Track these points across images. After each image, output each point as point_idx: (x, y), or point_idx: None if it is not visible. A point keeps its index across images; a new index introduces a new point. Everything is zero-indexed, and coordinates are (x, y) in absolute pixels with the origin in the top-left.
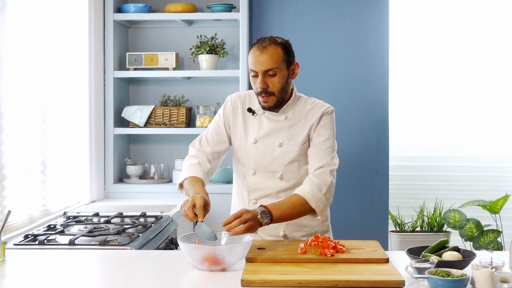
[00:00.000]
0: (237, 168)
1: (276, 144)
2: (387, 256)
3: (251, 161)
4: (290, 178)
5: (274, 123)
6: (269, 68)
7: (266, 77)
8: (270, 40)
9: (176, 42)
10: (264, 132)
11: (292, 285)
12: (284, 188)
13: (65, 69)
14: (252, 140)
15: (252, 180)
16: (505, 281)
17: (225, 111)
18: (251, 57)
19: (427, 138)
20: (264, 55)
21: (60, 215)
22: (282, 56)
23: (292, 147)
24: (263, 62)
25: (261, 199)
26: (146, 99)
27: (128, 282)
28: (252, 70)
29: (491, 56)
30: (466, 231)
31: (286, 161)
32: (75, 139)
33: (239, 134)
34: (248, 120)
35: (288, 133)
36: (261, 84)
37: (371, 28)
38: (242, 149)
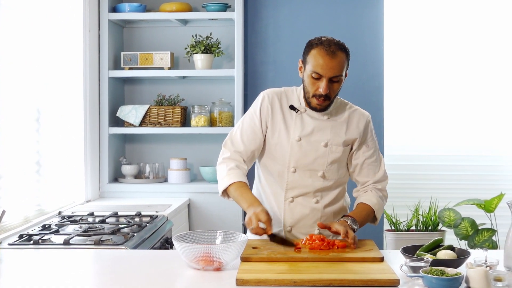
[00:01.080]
0: (271, 166)
1: (321, 143)
2: (382, 255)
3: (293, 158)
4: (330, 177)
5: (318, 122)
6: (337, 75)
7: (330, 82)
8: (337, 45)
9: (171, 42)
10: (308, 130)
11: (287, 284)
12: (323, 187)
13: (60, 69)
14: (296, 137)
15: (292, 178)
16: (499, 280)
17: (262, 108)
18: (316, 58)
19: (422, 137)
20: (334, 61)
21: (55, 215)
22: (345, 63)
23: (336, 147)
24: (332, 68)
25: (298, 197)
26: (141, 98)
27: (123, 281)
28: (316, 72)
29: (486, 55)
30: (461, 230)
31: (329, 160)
32: (70, 139)
33: (279, 131)
34: (289, 118)
35: (332, 133)
36: (325, 89)
37: (366, 27)
38: (280, 146)
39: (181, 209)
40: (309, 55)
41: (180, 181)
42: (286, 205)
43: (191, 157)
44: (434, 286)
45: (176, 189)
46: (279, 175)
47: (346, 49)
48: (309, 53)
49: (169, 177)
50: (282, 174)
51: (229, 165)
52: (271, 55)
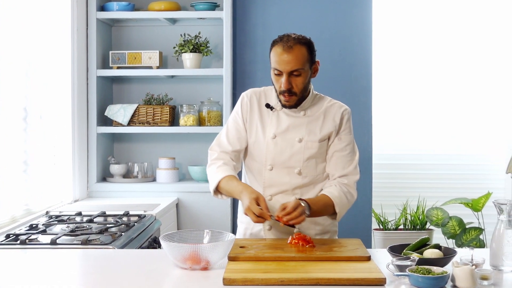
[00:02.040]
0: (250, 164)
1: (296, 139)
2: (368, 254)
3: (269, 156)
4: (307, 174)
5: (293, 119)
6: (295, 69)
7: (291, 77)
8: (295, 39)
9: (160, 41)
10: (283, 127)
11: (274, 283)
12: (301, 184)
13: (47, 68)
14: (271, 135)
15: (269, 176)
16: (485, 278)
17: (242, 108)
18: (275, 55)
19: (410, 136)
20: (290, 55)
21: (43, 215)
22: (306, 57)
23: (312, 143)
24: (288, 62)
25: (277, 195)
26: (129, 97)
27: (110, 281)
28: (276, 69)
29: (474, 55)
30: (448, 228)
31: (305, 156)
32: (57, 138)
33: (256, 130)
34: (266, 116)
35: (307, 129)
36: (286, 84)
37: (354, 27)
38: (258, 144)
39: (169, 208)
40: (271, 53)
41: (168, 181)
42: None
43: (180, 156)
44: (420, 284)
45: (165, 188)
46: (258, 173)
47: (308, 42)
48: (271, 51)
49: (158, 177)
50: (260, 172)
51: (217, 164)
52: (260, 54)
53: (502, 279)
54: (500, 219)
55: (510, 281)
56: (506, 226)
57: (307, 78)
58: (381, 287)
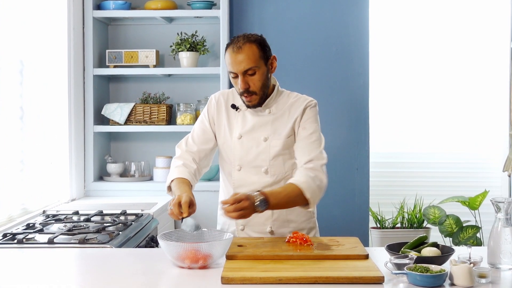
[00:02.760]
0: (223, 166)
1: (261, 138)
2: (366, 253)
3: (236, 156)
4: (275, 173)
5: (258, 118)
6: (248, 68)
7: (246, 77)
8: (244, 39)
9: (157, 39)
10: (248, 127)
11: (272, 282)
12: (270, 183)
13: (44, 67)
14: (237, 135)
15: (238, 176)
16: (483, 276)
17: (209, 109)
18: (227, 58)
19: (407, 135)
20: (240, 55)
21: (40, 214)
22: (258, 54)
23: (276, 141)
24: (240, 62)
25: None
26: (126, 96)
27: (108, 280)
28: (231, 71)
29: (470, 53)
30: (445, 227)
31: (271, 155)
32: (54, 137)
33: (224, 131)
34: (232, 117)
35: (272, 127)
36: (242, 84)
37: (351, 25)
38: (227, 145)
39: (166, 207)
40: (225, 57)
41: (166, 179)
42: None
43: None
44: (419, 283)
45: (162, 187)
46: (228, 174)
47: (258, 39)
48: (225, 56)
49: (155, 175)
50: (230, 173)
51: (177, 163)
52: None
53: (499, 277)
54: (497, 217)
55: (507, 279)
56: (503, 224)
57: (264, 75)
58: (379, 285)
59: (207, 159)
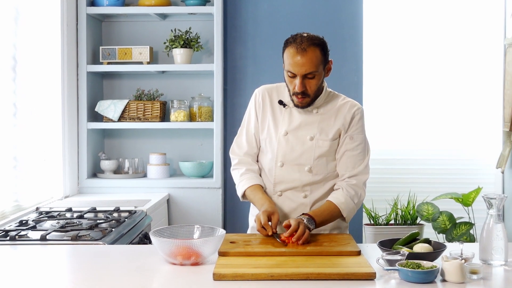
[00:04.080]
0: (261, 160)
1: (307, 137)
2: (358, 249)
3: (280, 153)
4: (318, 172)
5: (306, 116)
6: (309, 72)
7: (305, 80)
8: (308, 41)
9: (150, 36)
10: (295, 124)
11: (264, 278)
12: (311, 182)
13: (37, 63)
14: (283, 132)
15: (279, 172)
16: (474, 272)
17: (255, 105)
18: (288, 57)
19: (401, 131)
20: (304, 58)
21: (33, 211)
22: (320, 58)
23: (323, 142)
24: (303, 65)
25: (286, 191)
26: (120, 93)
27: (101, 277)
28: (290, 71)
29: (464, 50)
30: (439, 223)
31: (316, 155)
32: (47, 134)
33: (268, 126)
34: (278, 113)
35: (319, 127)
36: (300, 87)
37: (345, 22)
38: (270, 141)
39: (160, 204)
40: (284, 54)
41: (159, 176)
42: (275, 199)
43: (171, 152)
44: (410, 279)
45: (156, 184)
46: (268, 169)
47: (322, 43)
48: (284, 52)
49: (149, 172)
50: (271, 169)
51: (240, 170)
52: (251, 49)
53: (491, 273)
54: (489, 214)
55: (499, 275)
56: (495, 221)
57: (321, 79)
58: (371, 281)
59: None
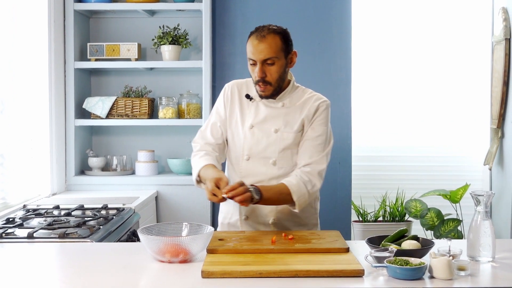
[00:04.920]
0: (229, 155)
1: (272, 130)
2: (347, 246)
3: (246, 146)
4: (283, 165)
5: (271, 109)
6: (268, 58)
7: (264, 66)
8: (269, 29)
9: (138, 33)
10: (260, 118)
11: (253, 275)
12: (277, 175)
13: (24, 60)
14: (248, 125)
15: (246, 166)
16: (462, 269)
17: (224, 99)
18: (249, 45)
19: (389, 129)
20: (263, 44)
21: (20, 208)
22: (280, 46)
23: (287, 134)
24: (261, 51)
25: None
26: (108, 90)
27: (88, 275)
28: (250, 58)
29: (452, 49)
30: (427, 220)
31: (280, 147)
32: (35, 131)
33: (236, 120)
34: (245, 107)
35: (284, 120)
36: (259, 73)
37: (333, 20)
38: (237, 135)
39: (148, 201)
40: (247, 44)
41: (147, 173)
42: None
43: (159, 149)
44: (398, 276)
45: (144, 181)
46: (236, 163)
47: (283, 31)
48: (247, 42)
49: (137, 170)
50: (238, 162)
51: (199, 154)
52: (239, 46)
53: (479, 269)
54: (477, 210)
55: (486, 271)
56: (483, 217)
57: (282, 68)
58: (359, 278)
59: (225, 151)
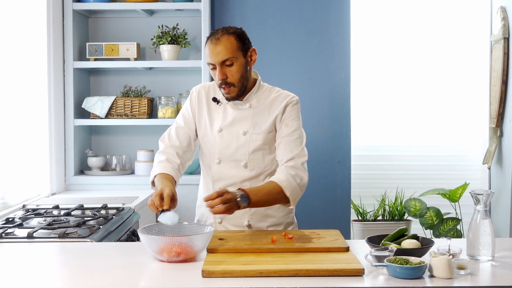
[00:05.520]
0: (202, 159)
1: (241, 132)
2: (347, 245)
3: (216, 150)
4: (254, 167)
5: (239, 111)
6: (225, 59)
7: (224, 68)
8: (223, 30)
9: (137, 32)
10: (228, 120)
11: (253, 275)
12: (249, 177)
13: (23, 60)
14: (217, 129)
15: (217, 169)
16: (462, 268)
17: (191, 102)
18: (206, 50)
19: (388, 128)
20: (218, 46)
21: (19, 208)
22: (236, 45)
23: (256, 135)
24: (218, 53)
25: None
26: (107, 90)
27: (88, 274)
28: (210, 63)
29: (450, 47)
30: (426, 219)
31: (250, 149)
32: (34, 131)
33: (204, 124)
34: (213, 110)
35: (252, 121)
36: (220, 75)
37: (332, 18)
38: (207, 139)
39: (148, 201)
40: (205, 50)
41: (147, 173)
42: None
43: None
44: (398, 275)
45: (143, 181)
46: (207, 167)
47: (236, 31)
48: (205, 48)
49: (136, 169)
50: (210, 166)
51: (160, 158)
52: None
53: (478, 268)
54: (476, 209)
55: (486, 270)
56: (482, 216)
57: (242, 67)
58: (359, 277)
59: (191, 152)
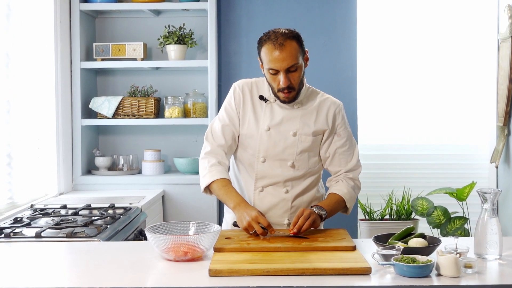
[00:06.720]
0: (241, 156)
1: (290, 132)
2: (354, 244)
3: (262, 148)
4: (300, 167)
5: (287, 111)
6: (291, 65)
7: (288, 74)
8: (283, 35)
9: (144, 32)
10: (277, 120)
11: (260, 273)
12: (293, 177)
13: (31, 60)
14: (265, 127)
15: (261, 168)
16: (469, 267)
17: (235, 99)
18: (267, 55)
19: (395, 126)
20: (284, 52)
21: (27, 208)
22: (298, 50)
23: (305, 137)
24: (284, 59)
25: (268, 187)
26: (114, 90)
27: (96, 274)
28: (272, 68)
29: (458, 46)
30: (433, 218)
31: (298, 150)
32: (41, 131)
33: (249, 122)
34: (259, 108)
35: (301, 122)
36: (285, 81)
37: (339, 18)
38: (251, 136)
39: (155, 200)
40: (261, 52)
41: (154, 173)
42: (256, 195)
43: (165, 148)
44: (405, 273)
45: (150, 180)
46: (249, 164)
47: (296, 35)
48: (261, 50)
49: (143, 169)
50: (252, 164)
51: (210, 161)
52: (245, 45)
53: (486, 267)
54: (484, 208)
55: (493, 269)
56: (489, 215)
57: (302, 71)
58: (366, 276)
59: (233, 149)
